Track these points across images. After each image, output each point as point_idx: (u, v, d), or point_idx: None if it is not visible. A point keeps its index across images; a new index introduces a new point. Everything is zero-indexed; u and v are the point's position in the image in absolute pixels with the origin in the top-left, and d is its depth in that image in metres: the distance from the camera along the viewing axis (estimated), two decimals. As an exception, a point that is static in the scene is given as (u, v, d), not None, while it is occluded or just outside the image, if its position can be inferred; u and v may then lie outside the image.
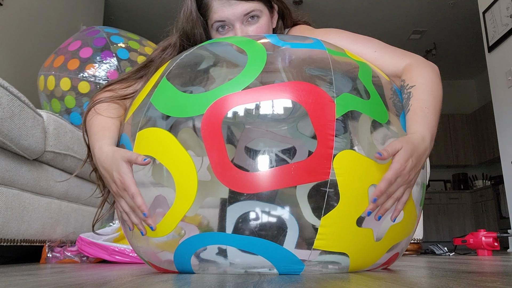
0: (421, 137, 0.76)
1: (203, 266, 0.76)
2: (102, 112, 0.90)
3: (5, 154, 1.28)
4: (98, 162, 0.81)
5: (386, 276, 0.73)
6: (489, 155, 5.83)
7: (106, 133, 0.85)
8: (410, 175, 0.72)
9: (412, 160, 0.72)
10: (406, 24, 5.09)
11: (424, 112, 0.80)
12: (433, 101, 0.82)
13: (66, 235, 1.61)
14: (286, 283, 0.59)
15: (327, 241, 0.70)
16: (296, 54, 0.83)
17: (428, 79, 0.86)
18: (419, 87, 0.84)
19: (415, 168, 0.73)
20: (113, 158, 0.78)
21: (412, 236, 0.87)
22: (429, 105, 0.81)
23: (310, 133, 0.73)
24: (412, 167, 0.72)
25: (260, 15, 0.98)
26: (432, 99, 0.83)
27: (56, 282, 0.64)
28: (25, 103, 1.31)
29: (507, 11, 3.08)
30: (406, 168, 0.71)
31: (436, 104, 0.83)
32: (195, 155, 0.73)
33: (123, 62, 2.16)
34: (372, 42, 0.95)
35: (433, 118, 0.80)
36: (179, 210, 0.72)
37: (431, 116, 0.80)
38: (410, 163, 0.71)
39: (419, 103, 0.82)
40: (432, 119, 0.80)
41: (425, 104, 0.81)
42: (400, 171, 0.70)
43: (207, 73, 0.82)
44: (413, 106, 0.82)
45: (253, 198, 0.70)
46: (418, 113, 0.80)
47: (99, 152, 0.81)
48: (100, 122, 0.88)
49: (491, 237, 2.07)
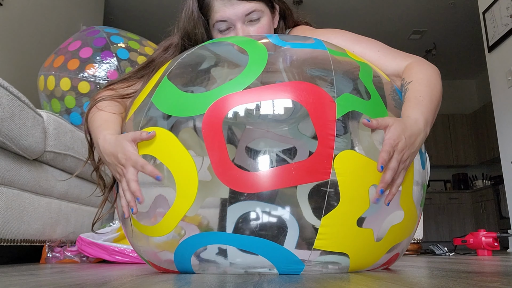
0: (413, 119, 0.75)
1: (203, 266, 0.76)
2: (104, 109, 0.90)
3: (5, 154, 1.28)
4: (103, 151, 0.81)
5: (386, 276, 0.73)
6: (489, 155, 5.83)
7: (109, 125, 0.86)
8: (404, 153, 0.71)
9: (405, 138, 0.71)
10: (406, 24, 5.09)
11: (417, 99, 0.80)
12: (429, 92, 0.82)
13: (66, 235, 1.61)
14: (286, 283, 0.59)
15: (328, 241, 0.70)
16: (297, 54, 0.83)
17: (427, 74, 0.86)
18: (416, 81, 0.84)
19: (408, 147, 0.72)
20: (116, 141, 0.78)
21: (412, 236, 0.87)
22: (424, 94, 0.81)
23: (310, 133, 0.73)
24: (404, 146, 0.71)
25: (262, 15, 0.98)
26: (428, 90, 0.82)
27: (56, 282, 0.64)
28: (25, 103, 1.31)
29: (507, 11, 3.08)
30: (399, 144, 0.70)
31: (432, 94, 0.82)
32: (196, 155, 0.73)
33: (123, 62, 2.16)
34: (375, 43, 0.95)
35: (428, 104, 0.80)
36: (179, 209, 0.72)
37: (425, 103, 0.80)
38: (403, 141, 0.70)
39: (413, 93, 0.82)
40: (426, 105, 0.79)
41: (420, 93, 0.81)
42: (393, 146, 0.69)
43: (208, 73, 0.82)
44: (407, 97, 0.82)
45: (254, 198, 0.70)
46: (411, 100, 0.80)
47: (103, 141, 0.81)
48: (103, 116, 0.89)
49: (491, 237, 2.07)
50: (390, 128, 0.71)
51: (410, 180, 0.79)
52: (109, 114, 0.89)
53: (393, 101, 0.83)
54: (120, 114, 0.91)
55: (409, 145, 0.72)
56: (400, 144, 0.70)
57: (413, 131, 0.73)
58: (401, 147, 0.70)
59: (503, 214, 5.02)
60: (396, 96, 0.85)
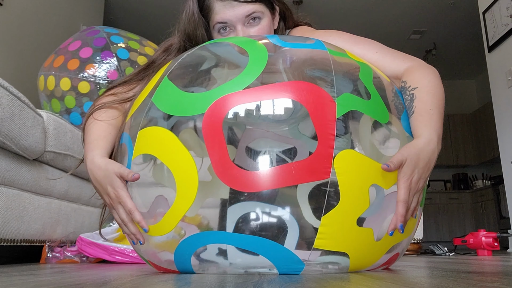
0: (427, 140, 0.76)
1: (203, 266, 0.76)
2: (101, 118, 0.91)
3: (5, 154, 1.28)
4: (90, 173, 0.83)
5: (386, 276, 0.73)
6: (489, 155, 5.83)
7: (100, 143, 0.86)
8: (419, 183, 0.74)
9: (418, 170, 0.73)
10: (406, 24, 5.09)
11: (429, 113, 0.80)
12: (436, 103, 0.83)
13: (66, 235, 1.61)
14: (286, 283, 0.59)
15: (327, 241, 0.70)
16: (297, 54, 0.83)
17: (431, 81, 0.86)
18: (422, 89, 0.84)
19: (422, 176, 0.75)
20: (106, 171, 0.79)
21: (412, 236, 0.87)
22: (433, 106, 0.82)
23: (311, 134, 0.73)
24: (419, 178, 0.74)
25: (262, 17, 0.98)
26: (436, 101, 0.83)
27: (56, 282, 0.64)
28: (25, 103, 1.31)
29: (507, 11, 3.08)
30: (413, 180, 0.73)
31: (439, 105, 0.83)
32: (196, 156, 0.73)
33: (123, 62, 2.16)
34: (374, 44, 0.96)
35: (438, 119, 0.81)
36: (179, 209, 0.72)
37: (436, 117, 0.80)
38: (416, 175, 0.73)
39: (423, 104, 0.82)
40: (437, 121, 0.80)
41: (429, 105, 0.82)
42: (409, 185, 0.72)
43: (208, 74, 0.82)
44: (418, 108, 0.82)
45: (254, 199, 0.70)
46: (424, 115, 0.80)
47: (90, 163, 0.83)
48: (96, 131, 0.89)
49: (491, 237, 2.07)
50: (403, 167, 0.73)
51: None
52: (104, 128, 0.89)
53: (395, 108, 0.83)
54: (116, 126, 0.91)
55: (423, 173, 0.75)
56: (414, 178, 0.73)
57: (428, 156, 0.75)
58: (415, 180, 0.73)
59: (503, 214, 5.02)
60: (397, 100, 0.85)
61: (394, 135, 0.80)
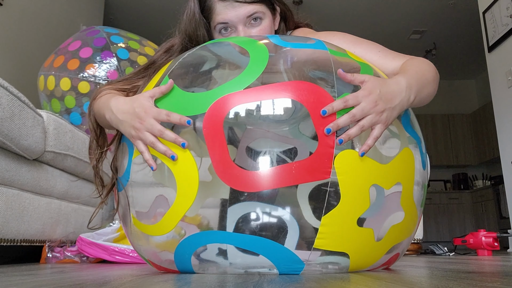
0: (394, 79, 0.78)
1: (203, 266, 0.76)
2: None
3: (5, 154, 1.28)
4: (116, 111, 0.81)
5: (386, 276, 0.73)
6: (489, 155, 5.83)
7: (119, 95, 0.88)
8: (378, 104, 0.71)
9: (380, 91, 0.72)
10: (406, 24, 5.09)
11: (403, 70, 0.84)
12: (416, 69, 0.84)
13: (66, 235, 1.61)
14: (286, 283, 0.59)
15: (328, 240, 0.70)
16: (298, 54, 0.83)
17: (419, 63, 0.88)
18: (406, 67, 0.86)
19: (384, 101, 0.72)
20: (132, 99, 0.79)
21: (413, 236, 0.87)
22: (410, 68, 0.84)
23: (311, 134, 0.73)
24: (378, 97, 0.72)
25: (263, 17, 0.98)
26: (417, 69, 0.84)
27: (56, 282, 0.64)
28: (25, 103, 1.31)
29: (507, 11, 3.08)
30: (371, 96, 0.71)
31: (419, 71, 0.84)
32: (196, 156, 0.73)
33: (123, 62, 2.16)
34: (374, 45, 0.96)
35: (413, 74, 0.81)
36: (179, 209, 0.72)
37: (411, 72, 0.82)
38: (376, 93, 0.72)
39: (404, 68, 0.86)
40: (411, 74, 0.81)
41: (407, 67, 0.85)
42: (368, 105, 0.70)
43: (209, 74, 0.82)
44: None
45: (254, 199, 0.70)
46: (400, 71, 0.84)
47: (116, 102, 0.82)
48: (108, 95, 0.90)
49: (491, 237, 2.07)
50: (366, 83, 0.72)
51: (411, 181, 0.79)
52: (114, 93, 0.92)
53: None
54: None
55: (385, 99, 0.73)
56: (373, 96, 0.71)
57: (391, 88, 0.75)
58: (373, 98, 0.71)
59: (503, 214, 5.02)
60: None
61: (394, 135, 0.80)
